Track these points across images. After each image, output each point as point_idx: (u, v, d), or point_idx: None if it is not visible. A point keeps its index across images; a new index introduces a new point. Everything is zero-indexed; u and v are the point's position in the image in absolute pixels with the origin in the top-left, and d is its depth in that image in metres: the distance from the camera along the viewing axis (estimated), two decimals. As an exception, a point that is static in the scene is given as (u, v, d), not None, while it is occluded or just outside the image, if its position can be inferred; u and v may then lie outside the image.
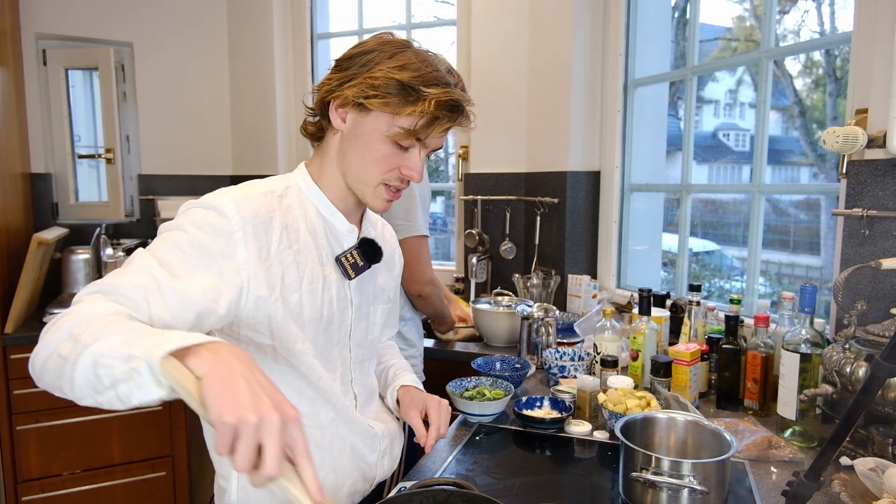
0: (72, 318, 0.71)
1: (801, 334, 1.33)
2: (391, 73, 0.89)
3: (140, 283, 0.78)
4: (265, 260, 0.89)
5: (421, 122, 0.90)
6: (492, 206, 2.70)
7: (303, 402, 0.98)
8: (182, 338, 0.64)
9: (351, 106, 0.93)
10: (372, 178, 0.96)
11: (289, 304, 0.92)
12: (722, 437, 1.08)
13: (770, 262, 4.63)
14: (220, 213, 0.86)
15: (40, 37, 2.82)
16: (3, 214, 2.36)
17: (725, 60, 2.13)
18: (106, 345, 0.65)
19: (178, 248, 0.83)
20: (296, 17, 3.11)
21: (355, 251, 1.00)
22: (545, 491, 1.14)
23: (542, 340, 1.87)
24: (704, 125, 8.24)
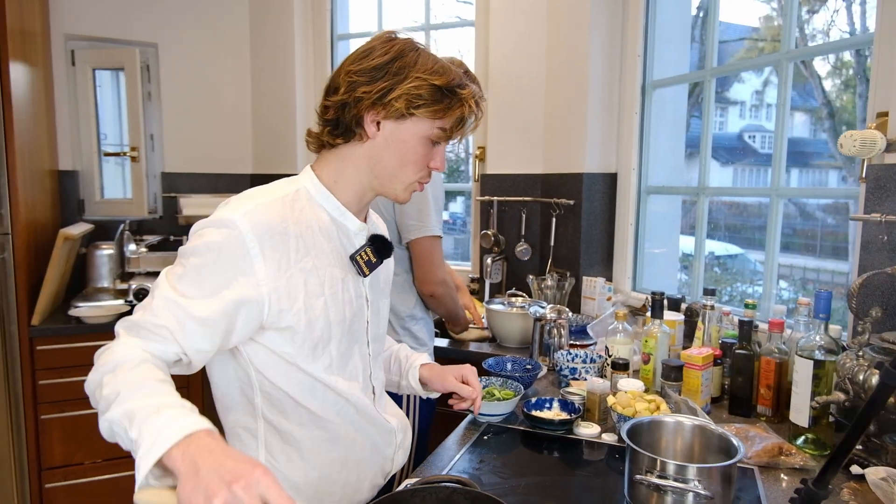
0: (106, 361, 0.82)
1: (815, 340, 1.31)
2: (429, 80, 0.93)
3: (164, 321, 0.84)
4: (285, 271, 0.91)
5: (460, 123, 0.98)
6: (508, 206, 2.71)
7: (327, 402, 1.00)
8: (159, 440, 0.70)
9: (394, 117, 0.95)
10: (409, 177, 1.01)
11: (314, 311, 0.94)
12: (729, 443, 1.07)
13: (794, 267, 4.54)
14: (233, 231, 0.87)
15: (69, 38, 2.90)
16: (32, 210, 2.44)
17: (744, 62, 2.11)
18: (118, 413, 0.74)
19: (197, 275, 0.87)
20: (316, 18, 3.15)
21: (368, 249, 1.02)
22: (550, 491, 1.14)
23: (554, 342, 1.87)
24: (730, 126, 8.11)
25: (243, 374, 0.97)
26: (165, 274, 0.89)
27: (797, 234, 4.52)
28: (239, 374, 0.97)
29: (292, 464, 1.01)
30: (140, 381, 0.77)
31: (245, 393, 0.98)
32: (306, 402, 0.98)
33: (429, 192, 1.80)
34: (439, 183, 1.85)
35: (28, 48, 2.46)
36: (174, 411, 0.73)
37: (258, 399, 0.98)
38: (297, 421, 1.00)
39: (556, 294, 2.40)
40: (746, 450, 1.26)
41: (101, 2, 2.93)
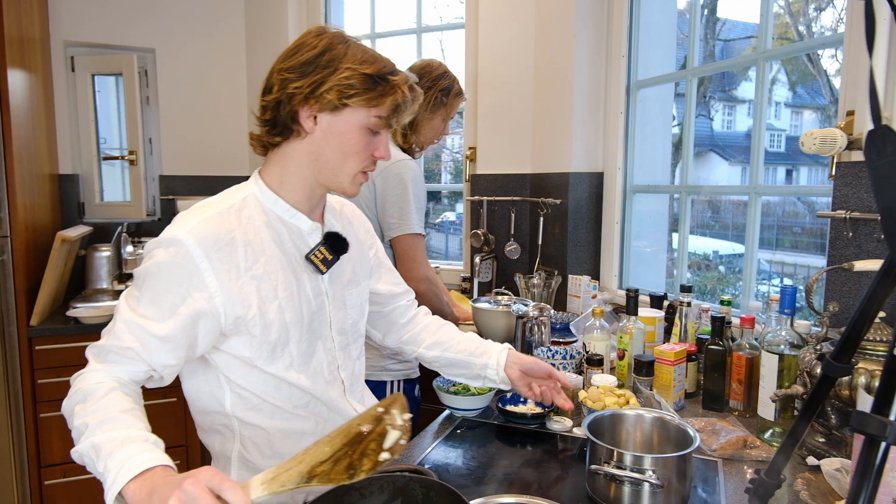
0: (78, 390, 0.88)
1: (781, 336, 1.33)
2: (360, 69, 0.95)
3: (128, 343, 0.90)
4: (236, 280, 0.94)
5: (397, 109, 0.99)
6: (497, 206, 2.74)
7: (293, 398, 1.04)
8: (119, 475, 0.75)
9: (328, 109, 0.97)
10: (352, 169, 1.02)
11: (268, 315, 0.97)
12: (687, 434, 1.09)
13: (800, 266, 4.52)
14: (180, 248, 0.90)
15: (69, 44, 2.97)
16: (31, 213, 2.50)
17: (725, 62, 2.12)
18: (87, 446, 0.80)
19: (153, 295, 0.91)
20: (311, 23, 3.19)
21: (322, 247, 1.04)
22: (514, 482, 1.17)
23: (535, 339, 1.90)
24: (738, 125, 8.08)
25: (212, 377, 1.01)
26: (125, 297, 0.93)
27: (805, 232, 4.50)
28: (208, 377, 1.02)
29: (263, 455, 1.05)
30: (106, 414, 0.82)
31: (215, 395, 1.02)
32: (273, 399, 1.02)
33: (410, 190, 1.83)
34: (421, 181, 1.89)
35: (27, 55, 2.53)
36: (136, 446, 0.78)
37: (228, 400, 1.02)
38: (266, 415, 1.03)
39: (543, 292, 2.43)
40: (712, 443, 1.28)
41: (99, 9, 2.99)
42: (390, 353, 1.85)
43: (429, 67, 1.98)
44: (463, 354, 1.33)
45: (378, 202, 1.85)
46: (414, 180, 1.85)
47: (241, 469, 1.06)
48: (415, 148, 2.00)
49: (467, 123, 2.88)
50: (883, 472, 0.64)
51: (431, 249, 4.67)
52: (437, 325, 1.39)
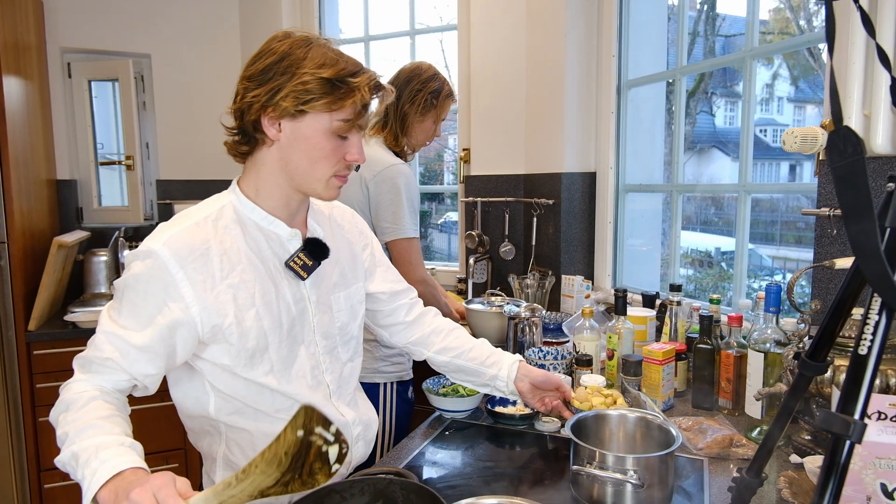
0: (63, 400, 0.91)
1: (767, 334, 1.34)
2: (317, 73, 0.94)
3: (108, 354, 0.92)
4: (212, 289, 0.95)
5: (359, 111, 0.98)
6: (492, 207, 2.74)
7: (276, 403, 1.05)
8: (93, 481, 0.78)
9: (288, 116, 0.96)
10: (323, 174, 1.01)
11: (246, 323, 0.98)
12: (669, 433, 1.10)
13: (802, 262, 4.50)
14: (156, 261, 0.92)
15: (65, 50, 2.99)
16: (28, 218, 2.52)
17: (713, 60, 2.12)
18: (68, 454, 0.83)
19: (131, 306, 0.93)
20: (305, 27, 3.21)
21: (301, 253, 1.05)
22: (498, 482, 1.18)
23: (526, 340, 1.90)
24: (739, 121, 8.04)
25: (197, 383, 1.03)
26: (107, 310, 0.96)
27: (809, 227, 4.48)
28: (193, 383, 1.03)
29: (246, 456, 1.06)
30: (85, 422, 0.85)
31: (200, 401, 1.04)
32: (255, 404, 1.03)
33: (403, 194, 1.84)
34: (414, 185, 1.89)
35: (23, 62, 2.55)
36: (109, 452, 0.80)
37: (212, 405, 1.03)
38: (250, 418, 1.05)
39: (537, 293, 2.43)
40: (699, 441, 1.29)
41: (95, 16, 3.01)
42: (383, 356, 1.85)
43: (419, 70, 1.99)
44: (474, 363, 1.33)
45: (372, 207, 1.86)
46: (407, 184, 1.86)
47: (225, 469, 1.08)
48: (406, 151, 2.01)
49: (461, 125, 2.89)
50: (848, 469, 0.65)
51: (434, 250, 4.68)
52: (448, 329, 1.38)
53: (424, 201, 4.88)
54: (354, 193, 1.87)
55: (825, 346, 0.86)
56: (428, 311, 1.39)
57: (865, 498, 0.79)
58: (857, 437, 0.64)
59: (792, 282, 1.20)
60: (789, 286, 1.20)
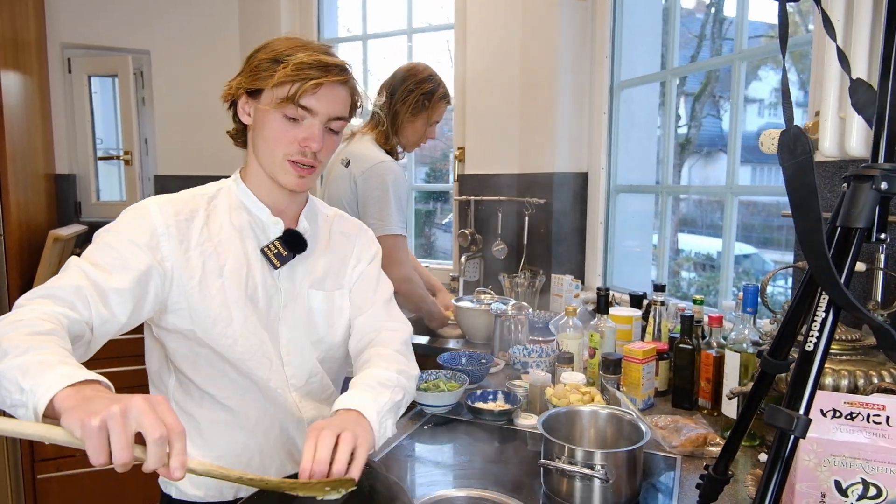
0: (6, 323, 0.78)
1: (744, 334, 1.34)
2: (263, 56, 1.02)
3: (77, 284, 0.88)
4: (185, 251, 1.00)
5: (293, 87, 0.98)
6: (485, 206, 2.76)
7: (229, 385, 1.05)
8: (54, 383, 0.68)
9: (246, 97, 1.04)
10: (276, 155, 1.03)
11: (209, 290, 1.01)
12: (639, 430, 1.11)
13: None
14: (146, 212, 0.99)
15: (65, 46, 3.02)
16: (25, 211, 2.55)
17: (704, 62, 2.14)
18: (10, 365, 0.71)
19: (110, 248, 0.95)
20: (304, 24, 3.23)
21: (277, 241, 1.07)
22: (474, 477, 1.19)
23: (513, 337, 1.92)
24: (748, 125, 8.00)
25: (164, 360, 1.08)
26: (75, 257, 0.94)
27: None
28: (162, 359, 1.08)
29: (192, 443, 1.06)
30: (40, 343, 0.75)
31: (162, 377, 1.09)
32: (208, 388, 1.05)
33: (391, 191, 1.86)
34: (403, 183, 1.91)
35: (22, 57, 2.58)
36: (70, 367, 0.71)
37: (171, 382, 1.08)
38: (198, 403, 1.06)
39: (527, 292, 2.44)
40: (673, 439, 1.30)
41: (95, 12, 3.04)
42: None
43: (414, 70, 2.01)
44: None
45: (360, 202, 1.88)
46: (395, 182, 1.87)
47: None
48: (398, 150, 2.02)
49: (456, 124, 2.90)
50: (791, 464, 0.66)
51: (437, 249, 4.69)
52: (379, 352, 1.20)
53: (429, 201, 4.90)
54: (343, 189, 1.89)
55: (786, 345, 0.87)
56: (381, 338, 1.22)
57: (820, 495, 0.80)
58: (801, 432, 0.65)
59: (764, 282, 1.21)
60: (762, 287, 1.21)
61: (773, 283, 1.46)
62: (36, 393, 0.68)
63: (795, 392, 0.66)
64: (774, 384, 1.11)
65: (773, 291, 2.80)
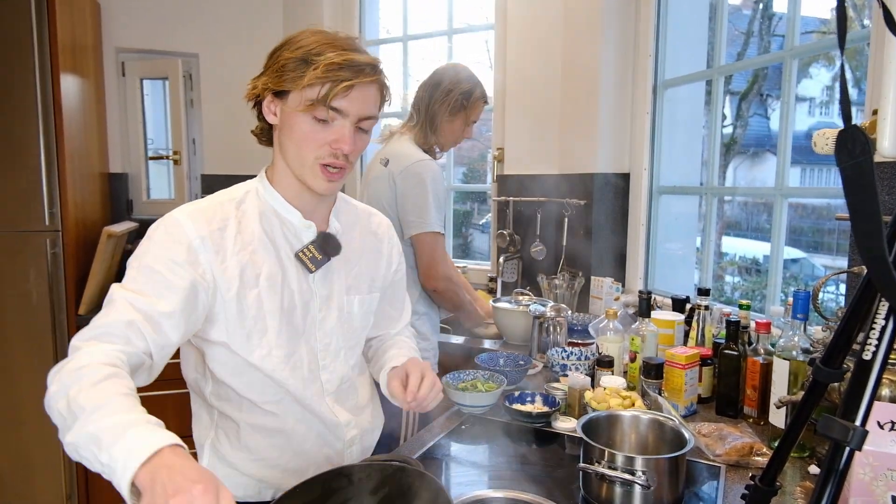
0: (68, 373, 0.80)
1: (794, 341, 1.30)
2: (290, 54, 0.97)
3: (128, 318, 0.87)
4: (223, 262, 0.98)
5: (323, 89, 0.96)
6: (524, 207, 2.74)
7: (267, 391, 1.05)
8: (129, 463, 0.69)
9: (272, 97, 1.00)
10: (306, 158, 1.00)
11: (246, 300, 1.00)
12: (682, 437, 1.09)
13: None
14: (178, 227, 0.95)
15: (120, 50, 3.14)
16: (81, 209, 2.66)
17: (753, 60, 2.07)
18: (83, 434, 0.73)
19: (151, 271, 0.92)
20: (346, 27, 3.27)
21: (311, 245, 1.05)
22: (510, 478, 1.18)
23: (551, 339, 1.90)
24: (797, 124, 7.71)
25: (200, 366, 1.06)
26: (117, 285, 0.92)
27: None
28: (198, 366, 1.07)
29: (233, 447, 1.07)
30: (103, 399, 0.76)
31: (199, 384, 1.07)
32: (246, 393, 1.04)
33: (429, 189, 1.87)
34: (440, 181, 1.92)
35: (79, 61, 2.70)
36: (139, 429, 0.73)
37: (209, 388, 1.06)
38: (236, 407, 1.06)
39: (566, 293, 2.42)
40: (717, 448, 1.26)
41: (148, 17, 3.16)
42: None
43: (453, 70, 2.01)
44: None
45: (398, 200, 1.89)
46: (434, 180, 1.88)
47: (211, 457, 1.08)
48: (435, 149, 2.03)
49: (496, 124, 2.89)
50: (846, 477, 0.63)
51: (474, 250, 4.69)
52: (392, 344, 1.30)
53: (466, 201, 4.90)
54: (383, 188, 1.91)
55: (840, 353, 0.84)
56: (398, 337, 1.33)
57: (876, 510, 0.77)
58: (857, 444, 0.62)
59: (817, 288, 1.16)
60: (814, 292, 1.16)
61: (824, 289, 1.40)
62: (115, 471, 0.70)
63: (851, 402, 0.64)
64: (826, 394, 1.07)
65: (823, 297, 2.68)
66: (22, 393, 2.48)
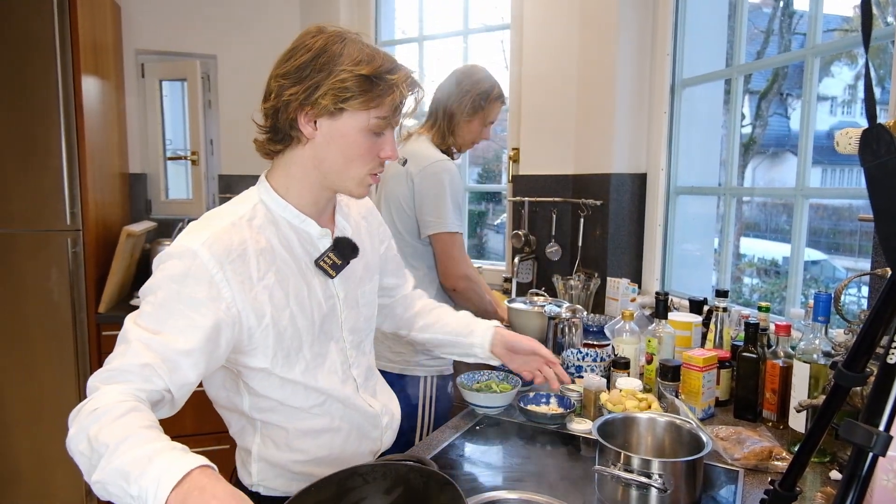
0: (87, 414, 0.78)
1: (814, 344, 1.28)
2: (356, 71, 0.93)
3: (144, 361, 0.83)
4: (249, 290, 0.94)
5: (395, 107, 0.97)
6: (539, 207, 2.73)
7: (309, 400, 1.06)
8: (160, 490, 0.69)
9: (326, 114, 0.95)
10: (358, 172, 1.00)
11: (282, 323, 0.98)
12: (700, 440, 1.07)
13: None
14: (195, 260, 0.89)
15: (140, 52, 3.19)
16: (102, 209, 2.70)
17: (773, 59, 2.04)
18: (110, 471, 0.72)
19: (168, 309, 0.87)
20: (362, 27, 3.28)
21: (331, 253, 1.05)
22: (524, 479, 1.18)
23: (566, 340, 1.89)
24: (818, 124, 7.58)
25: (231, 384, 1.04)
26: (132, 319, 0.88)
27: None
28: (227, 384, 1.04)
29: (281, 451, 1.07)
30: (125, 433, 0.74)
31: (233, 400, 1.04)
32: (290, 402, 1.04)
33: (447, 189, 1.87)
34: (459, 181, 1.91)
35: (101, 63, 2.74)
36: (165, 456, 0.72)
37: (246, 403, 1.04)
38: (283, 416, 1.05)
39: (581, 294, 2.40)
40: (736, 452, 1.24)
41: (167, 19, 3.20)
42: (424, 349, 1.89)
43: (470, 71, 2.01)
44: (451, 335, 1.36)
45: (416, 200, 1.89)
46: (451, 180, 1.88)
47: (260, 462, 1.08)
48: (452, 150, 2.03)
49: (511, 124, 2.88)
50: (869, 482, 0.62)
51: (489, 250, 4.68)
52: (430, 308, 1.40)
53: (481, 202, 4.90)
54: (400, 188, 1.91)
55: (863, 356, 0.82)
56: (415, 295, 1.42)
57: (900, 517, 0.75)
58: (881, 450, 0.61)
59: (839, 290, 1.14)
60: (836, 294, 1.14)
61: (846, 291, 1.37)
62: (147, 501, 0.69)
63: (875, 407, 0.62)
64: (849, 398, 1.05)
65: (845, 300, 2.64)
66: (42, 389, 2.52)
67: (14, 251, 2.46)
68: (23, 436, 2.52)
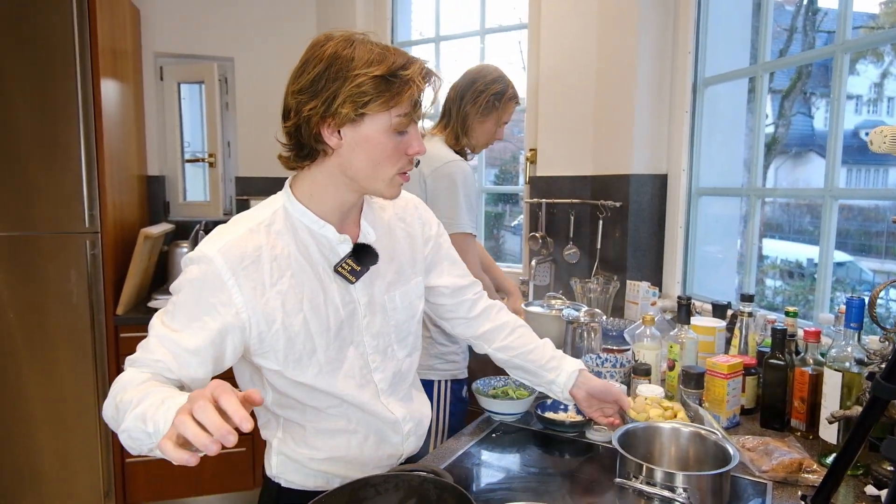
0: (114, 387, 0.91)
1: (846, 351, 1.22)
2: (370, 72, 0.92)
3: (160, 356, 0.92)
4: (261, 296, 0.96)
5: (414, 101, 0.96)
6: (557, 209, 2.69)
7: (325, 400, 1.07)
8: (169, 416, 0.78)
9: (349, 122, 0.95)
10: (387, 173, 1.00)
11: (293, 328, 1.00)
12: (726, 452, 1.03)
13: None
14: (210, 266, 0.93)
15: (158, 55, 3.21)
16: (120, 211, 2.72)
17: (802, 55, 1.97)
18: (130, 419, 0.82)
19: (185, 309, 0.94)
20: (378, 28, 3.27)
21: (350, 259, 1.04)
22: (542, 490, 1.14)
23: (585, 345, 1.85)
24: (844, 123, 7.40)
25: (257, 378, 1.07)
26: (159, 315, 0.97)
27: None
28: (253, 378, 1.08)
29: (298, 446, 1.10)
30: (145, 392, 0.85)
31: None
32: (308, 401, 1.06)
33: (460, 190, 1.84)
34: (472, 182, 1.89)
35: (120, 66, 2.76)
36: (177, 398, 0.80)
37: (269, 398, 1.07)
38: (301, 413, 1.08)
39: (600, 298, 2.35)
40: (763, 463, 1.20)
41: (185, 22, 3.22)
42: (438, 353, 1.86)
43: (484, 71, 1.98)
44: (533, 365, 1.32)
45: (429, 201, 1.87)
46: (465, 181, 1.86)
47: (279, 455, 1.11)
48: (466, 150, 2.00)
49: (528, 125, 2.84)
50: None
51: (506, 252, 4.65)
52: (512, 327, 1.35)
53: (498, 203, 4.86)
54: (413, 189, 1.89)
55: (904, 368, 0.78)
56: (493, 306, 1.37)
57: (946, 540, 0.70)
58: (929, 471, 0.56)
59: (874, 295, 1.09)
60: (871, 300, 1.09)
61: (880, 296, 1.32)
62: (159, 430, 0.78)
63: (922, 424, 0.58)
64: (886, 410, 1.00)
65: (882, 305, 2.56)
66: (62, 390, 2.54)
67: (35, 253, 2.49)
68: (42, 435, 2.55)
